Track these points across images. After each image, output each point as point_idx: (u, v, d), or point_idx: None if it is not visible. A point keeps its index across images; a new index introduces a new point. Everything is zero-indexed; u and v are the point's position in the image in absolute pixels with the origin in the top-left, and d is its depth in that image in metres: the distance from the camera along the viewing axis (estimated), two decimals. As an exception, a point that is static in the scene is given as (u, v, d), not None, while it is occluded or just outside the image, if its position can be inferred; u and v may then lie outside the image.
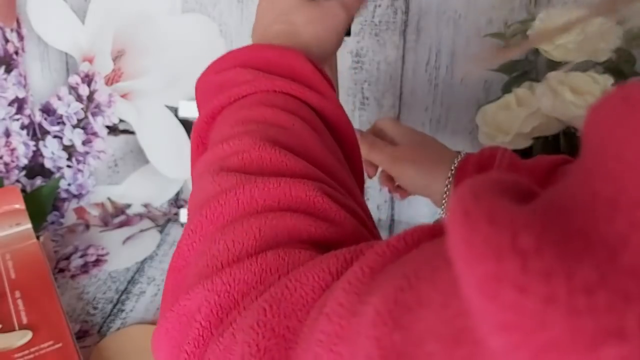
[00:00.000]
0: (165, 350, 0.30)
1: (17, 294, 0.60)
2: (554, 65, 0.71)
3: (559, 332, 0.13)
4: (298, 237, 0.31)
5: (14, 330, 0.55)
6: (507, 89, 0.75)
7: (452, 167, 0.58)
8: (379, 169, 0.64)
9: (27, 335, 0.54)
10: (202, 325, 0.28)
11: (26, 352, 0.53)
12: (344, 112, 0.44)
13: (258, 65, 0.44)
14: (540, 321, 0.13)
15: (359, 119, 0.83)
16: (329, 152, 0.39)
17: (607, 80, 0.65)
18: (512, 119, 0.69)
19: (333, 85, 0.45)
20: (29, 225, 0.69)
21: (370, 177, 0.64)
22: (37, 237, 0.69)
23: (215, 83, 0.45)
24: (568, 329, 0.13)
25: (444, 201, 0.58)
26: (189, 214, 0.37)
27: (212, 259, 0.30)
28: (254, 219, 0.31)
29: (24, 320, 0.57)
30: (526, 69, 0.75)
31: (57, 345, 0.54)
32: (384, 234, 0.81)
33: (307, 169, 0.36)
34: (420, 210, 0.86)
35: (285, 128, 0.39)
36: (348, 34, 0.52)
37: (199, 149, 0.44)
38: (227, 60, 0.45)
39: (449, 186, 0.58)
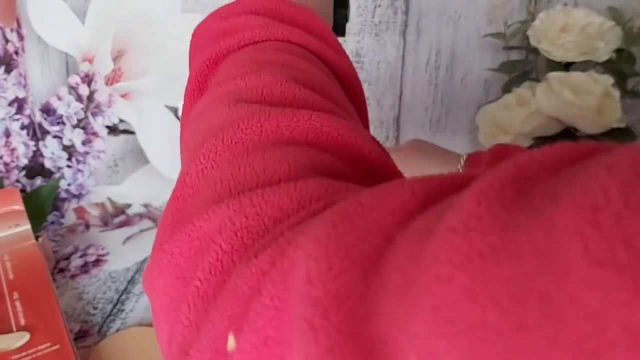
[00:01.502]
0: (167, 279, 0.24)
1: (15, 295, 0.60)
2: (554, 65, 0.71)
3: None
4: (337, 176, 0.26)
5: (11, 331, 0.55)
6: (507, 89, 0.74)
7: (459, 167, 0.58)
8: None
9: (25, 337, 0.54)
10: (223, 248, 0.22)
11: (24, 353, 0.53)
12: (357, 75, 0.41)
13: (271, 15, 0.39)
14: None
15: (359, 119, 0.83)
16: (348, 106, 0.35)
17: (607, 80, 0.65)
18: (512, 119, 0.69)
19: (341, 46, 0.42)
20: (28, 227, 0.69)
21: None
22: (36, 238, 0.69)
23: (220, 29, 0.39)
24: None
25: None
26: (187, 148, 0.32)
27: (234, 180, 0.25)
28: (286, 149, 0.26)
29: (22, 322, 0.57)
30: (526, 69, 0.75)
31: (54, 347, 0.54)
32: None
33: (335, 109, 0.31)
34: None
35: (306, 73, 0.34)
36: (342, 34, 0.52)
37: (195, 94, 0.39)
38: (235, 6, 0.40)
39: None
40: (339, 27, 0.52)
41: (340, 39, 0.45)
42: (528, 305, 0.12)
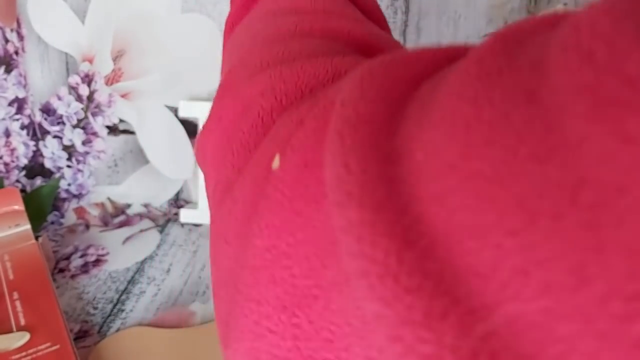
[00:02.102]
0: (216, 139, 0.28)
1: (15, 295, 0.60)
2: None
3: None
4: None
5: (11, 331, 0.55)
6: (507, 89, 0.74)
7: None
8: None
9: (25, 337, 0.54)
10: (264, 107, 0.25)
11: (24, 353, 0.53)
12: (381, 11, 0.44)
13: None
14: None
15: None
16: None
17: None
18: (513, 119, 0.69)
19: None
20: (28, 227, 0.69)
21: None
22: (36, 238, 0.69)
23: None
24: None
25: None
26: (226, 61, 0.36)
27: (276, 59, 0.28)
28: (319, 40, 0.30)
29: (22, 322, 0.57)
30: (526, 69, 0.75)
31: (54, 347, 0.54)
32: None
33: (363, 19, 0.35)
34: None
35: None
36: None
37: (233, 28, 0.42)
38: None
39: None
40: None
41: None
42: (516, 100, 0.15)
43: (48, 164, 0.83)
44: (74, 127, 0.83)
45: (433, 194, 0.16)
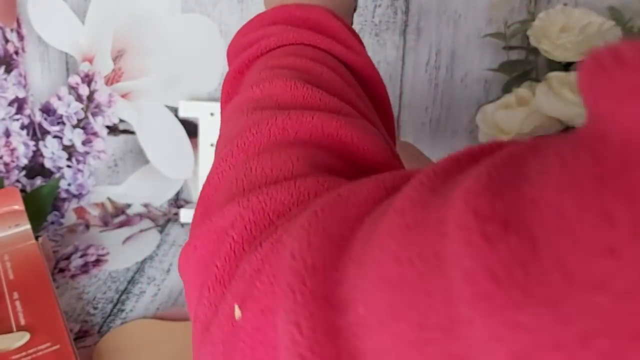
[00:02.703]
0: (193, 266, 0.29)
1: (15, 295, 0.60)
2: (554, 65, 0.71)
3: None
4: (334, 172, 0.31)
5: (11, 331, 0.56)
6: (507, 89, 0.74)
7: None
8: None
9: (25, 337, 0.54)
10: (235, 240, 0.27)
11: (24, 353, 0.53)
12: (374, 66, 0.44)
13: (286, 22, 0.44)
14: None
15: (359, 119, 0.83)
16: (360, 101, 0.39)
17: (607, 81, 0.65)
18: (512, 119, 0.69)
19: (361, 41, 0.46)
20: (28, 227, 0.69)
21: None
22: (36, 238, 0.69)
23: (244, 43, 0.45)
24: None
25: None
26: (216, 152, 0.37)
27: (247, 180, 0.30)
28: (290, 149, 0.31)
29: (22, 322, 0.57)
30: (526, 69, 0.75)
31: (54, 347, 0.54)
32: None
33: (341, 106, 0.35)
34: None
35: (314, 75, 0.38)
36: (354, 9, 0.52)
37: (228, 98, 0.44)
38: (254, 22, 0.46)
39: None
40: None
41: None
42: (428, 262, 0.17)
43: (48, 164, 0.83)
44: (74, 127, 0.83)
45: (373, 349, 0.18)
